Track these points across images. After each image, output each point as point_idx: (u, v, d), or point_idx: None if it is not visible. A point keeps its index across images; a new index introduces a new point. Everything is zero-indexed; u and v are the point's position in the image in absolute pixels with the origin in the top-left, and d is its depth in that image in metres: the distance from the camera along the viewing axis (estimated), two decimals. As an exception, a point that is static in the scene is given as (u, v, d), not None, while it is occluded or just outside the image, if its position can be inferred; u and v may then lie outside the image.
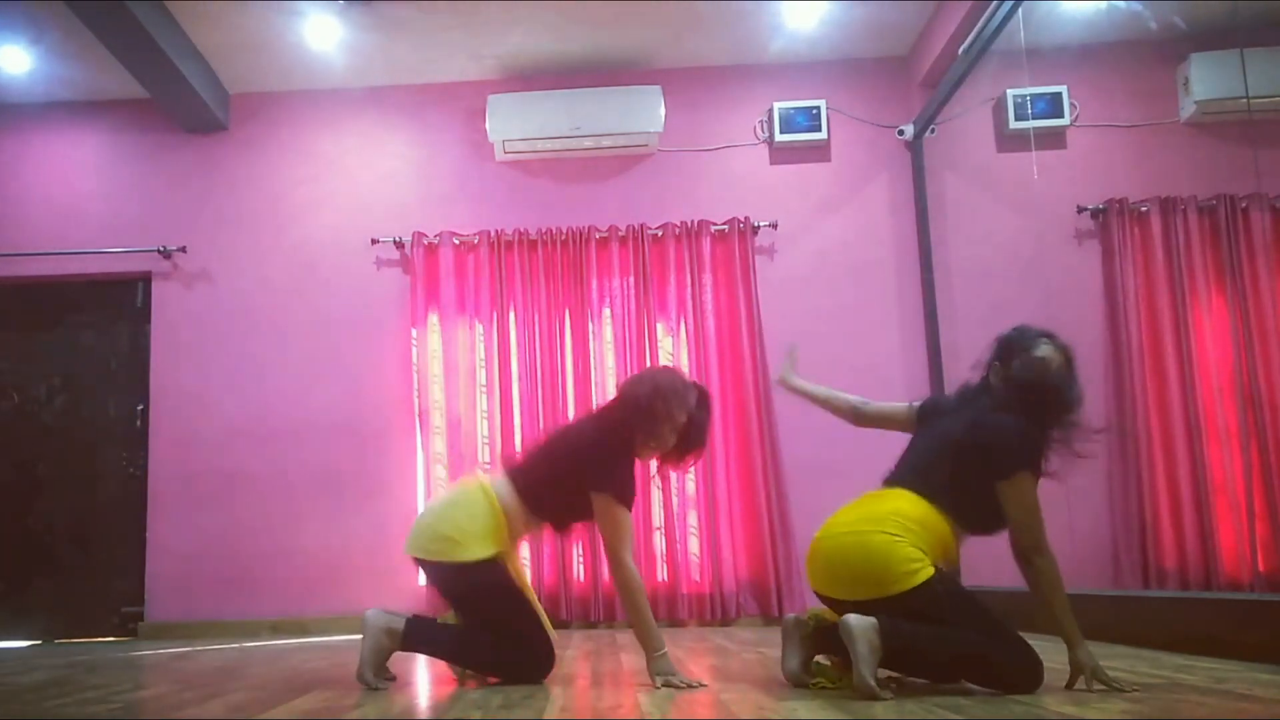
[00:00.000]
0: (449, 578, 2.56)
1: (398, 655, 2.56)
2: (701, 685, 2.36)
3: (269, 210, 5.39)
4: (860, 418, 2.68)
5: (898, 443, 2.52)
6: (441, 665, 2.87)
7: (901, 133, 5.18)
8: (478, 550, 2.50)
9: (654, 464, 2.71)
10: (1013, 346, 2.41)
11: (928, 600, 2.14)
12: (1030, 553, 2.24)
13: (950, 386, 4.92)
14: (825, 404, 2.77)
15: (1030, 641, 2.19)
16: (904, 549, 2.17)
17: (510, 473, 2.63)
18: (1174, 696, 2.02)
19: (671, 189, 5.29)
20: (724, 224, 5.16)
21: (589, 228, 5.16)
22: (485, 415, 5.04)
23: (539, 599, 4.89)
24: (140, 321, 5.38)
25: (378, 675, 2.49)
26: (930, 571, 2.16)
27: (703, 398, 2.62)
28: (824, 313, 5.09)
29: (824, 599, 2.34)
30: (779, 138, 5.24)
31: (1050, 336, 2.41)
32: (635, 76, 5.34)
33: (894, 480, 2.37)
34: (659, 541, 4.90)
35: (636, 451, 2.57)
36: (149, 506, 5.14)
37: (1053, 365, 2.35)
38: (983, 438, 2.28)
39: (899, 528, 2.20)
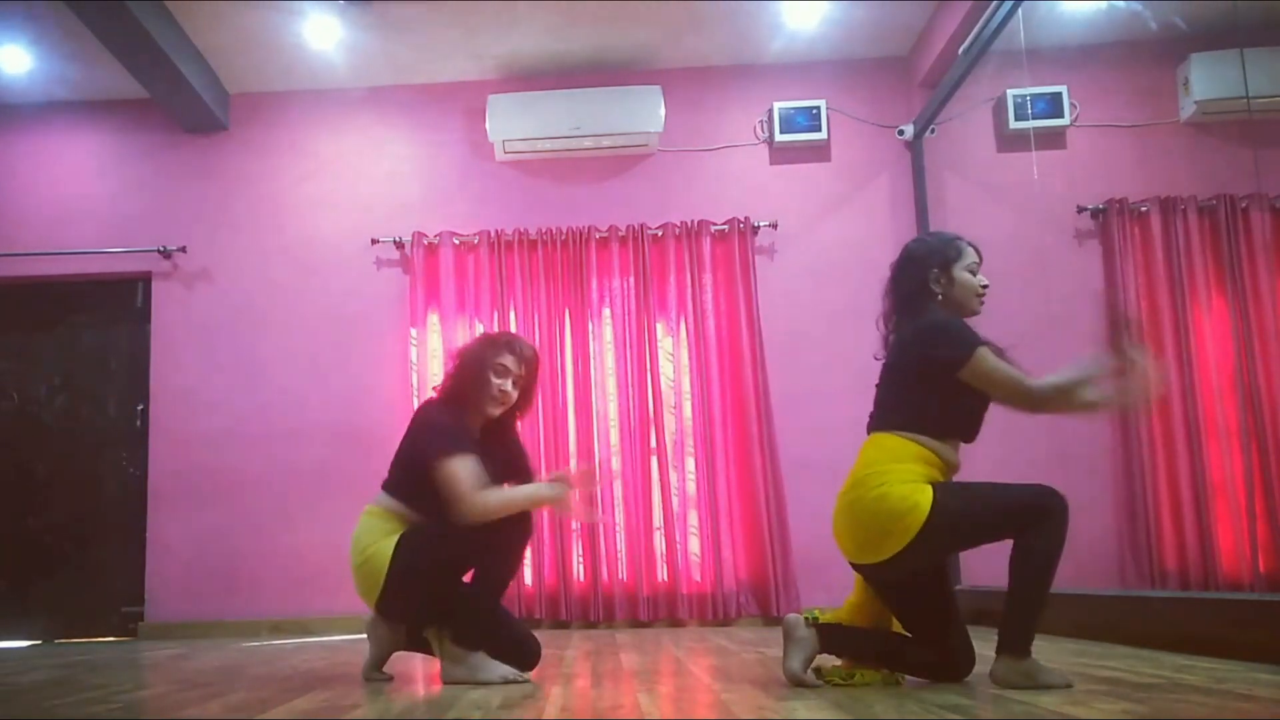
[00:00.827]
0: (391, 599, 2.56)
1: (397, 659, 2.56)
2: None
3: (269, 210, 5.39)
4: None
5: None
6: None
7: (901, 133, 5.18)
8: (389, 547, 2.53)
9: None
10: (948, 253, 2.43)
11: (947, 520, 2.15)
12: (1035, 406, 2.27)
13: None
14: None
15: (1030, 642, 2.19)
16: (893, 497, 2.17)
17: (385, 486, 2.68)
18: (1174, 696, 2.02)
19: (671, 189, 5.29)
20: (724, 224, 5.16)
21: (589, 228, 5.16)
22: (485, 415, 5.03)
23: (539, 598, 4.90)
24: (140, 321, 5.38)
25: (378, 670, 2.50)
26: (928, 492, 2.16)
27: (512, 344, 2.71)
28: (824, 313, 5.09)
29: (858, 569, 2.35)
30: (779, 138, 5.24)
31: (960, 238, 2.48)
32: (635, 76, 5.34)
33: (869, 428, 2.38)
34: (659, 541, 4.90)
35: (474, 408, 2.65)
36: (149, 506, 5.14)
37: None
38: (925, 341, 2.31)
39: (879, 479, 2.20)
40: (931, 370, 2.28)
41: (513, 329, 5.09)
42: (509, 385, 2.67)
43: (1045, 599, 2.20)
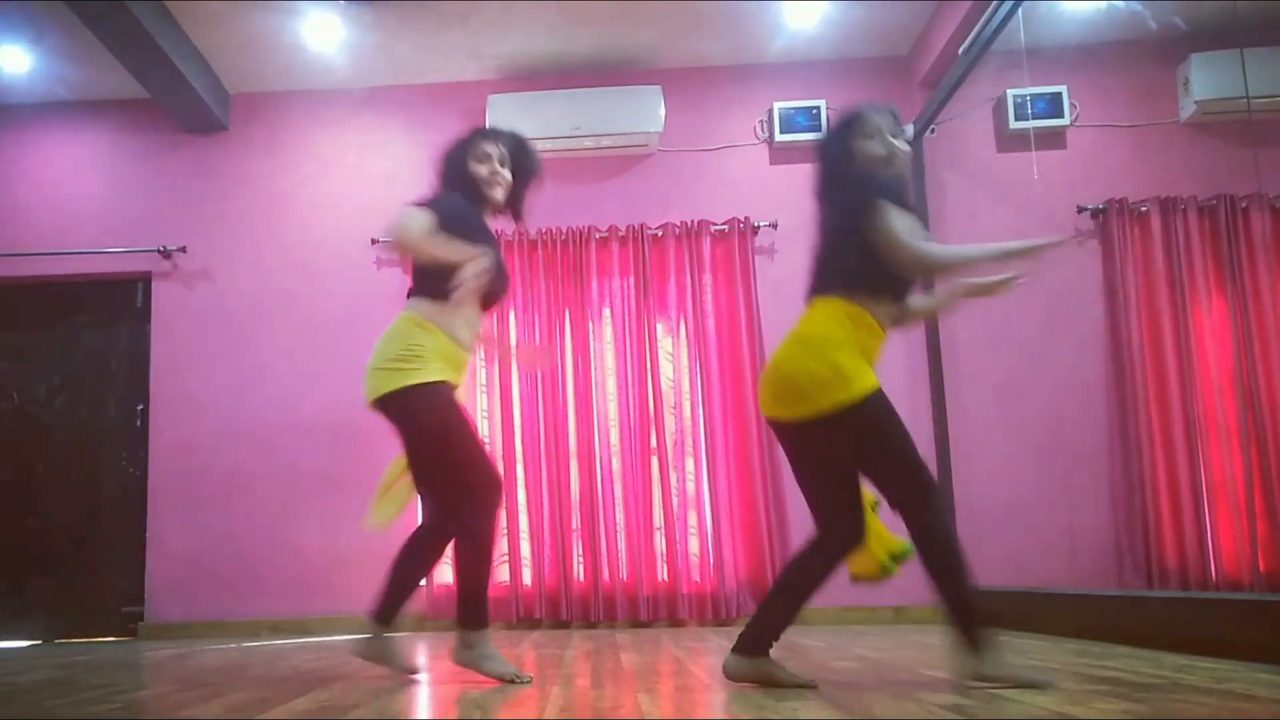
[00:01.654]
0: (396, 409, 2.54)
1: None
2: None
3: (269, 210, 5.39)
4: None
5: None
6: (442, 664, 2.87)
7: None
8: (420, 375, 2.52)
9: None
10: (872, 123, 2.46)
11: (868, 418, 2.23)
12: (922, 269, 2.32)
13: (950, 386, 4.93)
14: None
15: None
16: (841, 365, 2.24)
17: (411, 292, 2.70)
18: (1174, 696, 2.02)
19: (671, 189, 5.29)
20: (724, 224, 5.16)
21: (589, 228, 5.16)
22: (485, 415, 5.04)
23: (539, 598, 4.90)
24: (140, 321, 5.38)
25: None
26: (872, 383, 2.23)
27: (483, 130, 2.79)
28: (824, 313, 5.08)
29: (771, 424, 2.44)
30: (779, 138, 5.24)
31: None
32: (635, 76, 5.34)
33: (807, 294, 2.46)
34: (659, 541, 4.90)
35: (480, 197, 2.73)
36: (149, 506, 5.14)
37: None
38: (837, 201, 2.40)
39: (832, 349, 2.27)
40: (847, 225, 2.36)
41: (512, 329, 5.09)
42: (496, 165, 2.72)
43: (956, 573, 2.22)
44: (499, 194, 2.74)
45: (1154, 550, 4.53)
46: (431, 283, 2.57)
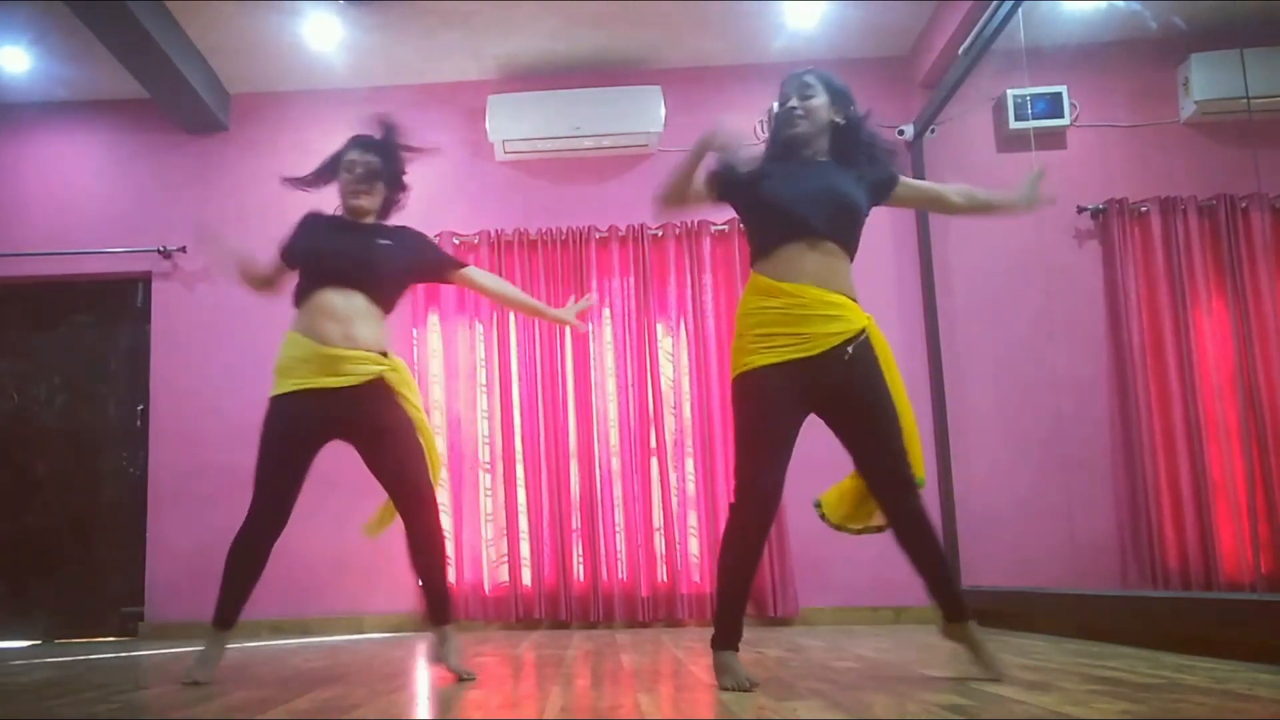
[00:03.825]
0: None
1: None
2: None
3: (269, 210, 5.36)
4: (673, 194, 2.82)
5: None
6: (443, 665, 2.86)
7: (902, 133, 5.18)
8: (272, 389, 2.82)
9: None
10: (781, 93, 2.65)
11: (734, 399, 2.42)
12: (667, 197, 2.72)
13: (950, 386, 4.93)
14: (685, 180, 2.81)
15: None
16: (735, 348, 2.46)
17: None
18: (1174, 696, 2.02)
19: (672, 189, 5.28)
20: (724, 224, 5.16)
21: (589, 228, 5.16)
22: (485, 415, 5.04)
23: (538, 598, 4.89)
24: (140, 321, 5.38)
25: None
26: (743, 366, 2.39)
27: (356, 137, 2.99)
28: (824, 313, 5.08)
29: None
30: (779, 138, 5.23)
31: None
32: (635, 76, 5.33)
33: None
34: (659, 542, 4.90)
35: (346, 206, 2.97)
36: (149, 506, 5.14)
37: None
38: None
39: (739, 326, 2.47)
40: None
41: (512, 329, 5.08)
42: (359, 171, 2.89)
43: (726, 586, 2.39)
44: (360, 202, 2.91)
45: (1154, 550, 4.53)
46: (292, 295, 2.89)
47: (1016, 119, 5.01)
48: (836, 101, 2.57)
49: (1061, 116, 5.01)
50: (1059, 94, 5.01)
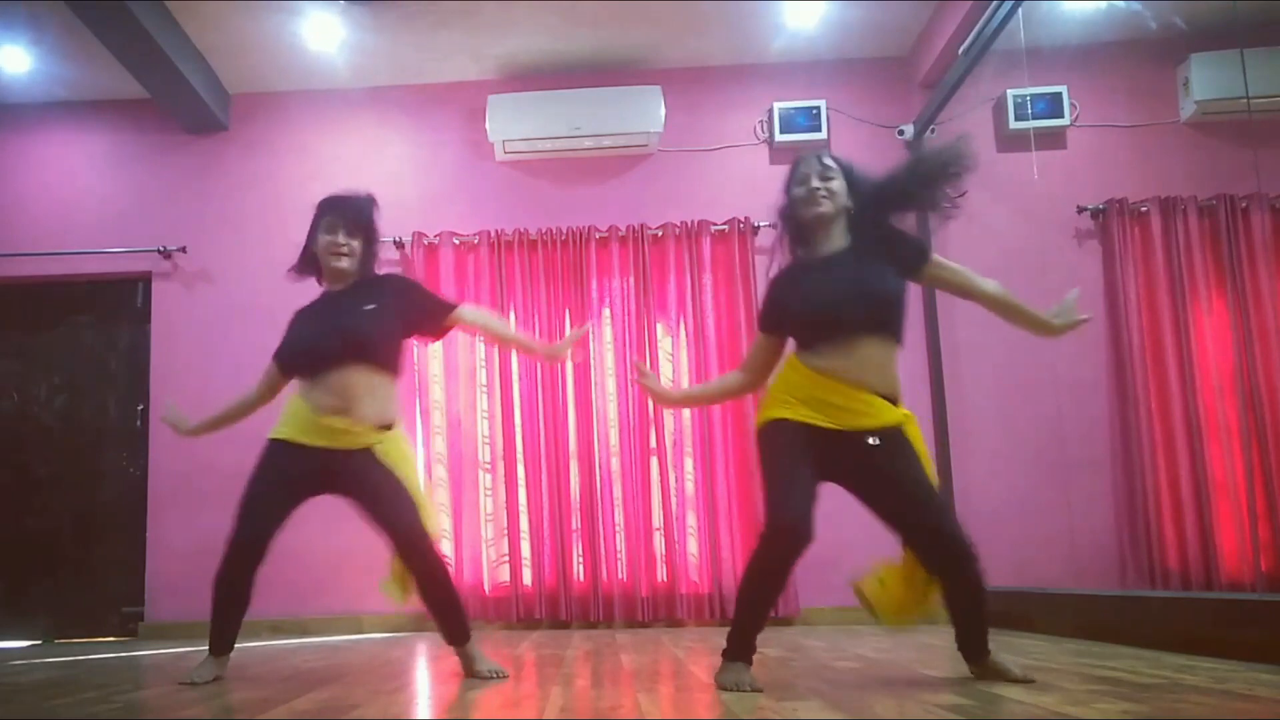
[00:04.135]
0: None
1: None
2: None
3: (269, 210, 5.38)
4: (753, 378, 2.72)
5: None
6: (442, 665, 2.87)
7: (902, 133, 5.18)
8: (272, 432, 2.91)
9: None
10: (799, 172, 2.63)
11: (760, 448, 2.48)
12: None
13: (950, 386, 4.93)
14: (716, 397, 3.00)
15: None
16: (762, 402, 2.53)
17: None
18: (1174, 696, 2.02)
19: (671, 189, 5.29)
20: (724, 224, 5.16)
21: (589, 228, 5.16)
22: (485, 415, 5.04)
23: (538, 598, 4.89)
24: (140, 321, 5.38)
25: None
26: (768, 416, 2.44)
27: (333, 201, 2.97)
28: (824, 313, 5.08)
29: None
30: (779, 138, 5.24)
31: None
32: (635, 76, 5.33)
33: None
34: (658, 542, 4.90)
35: (326, 274, 3.02)
36: (149, 506, 5.14)
37: None
38: None
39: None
40: None
41: (513, 329, 5.08)
42: (340, 238, 2.87)
43: (745, 608, 2.40)
44: (341, 264, 2.90)
45: (1155, 550, 4.53)
46: None
47: (1016, 119, 5.01)
48: (853, 185, 2.56)
49: (1061, 116, 5.01)
50: (1059, 94, 5.01)
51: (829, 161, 2.57)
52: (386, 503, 2.75)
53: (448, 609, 2.77)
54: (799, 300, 2.49)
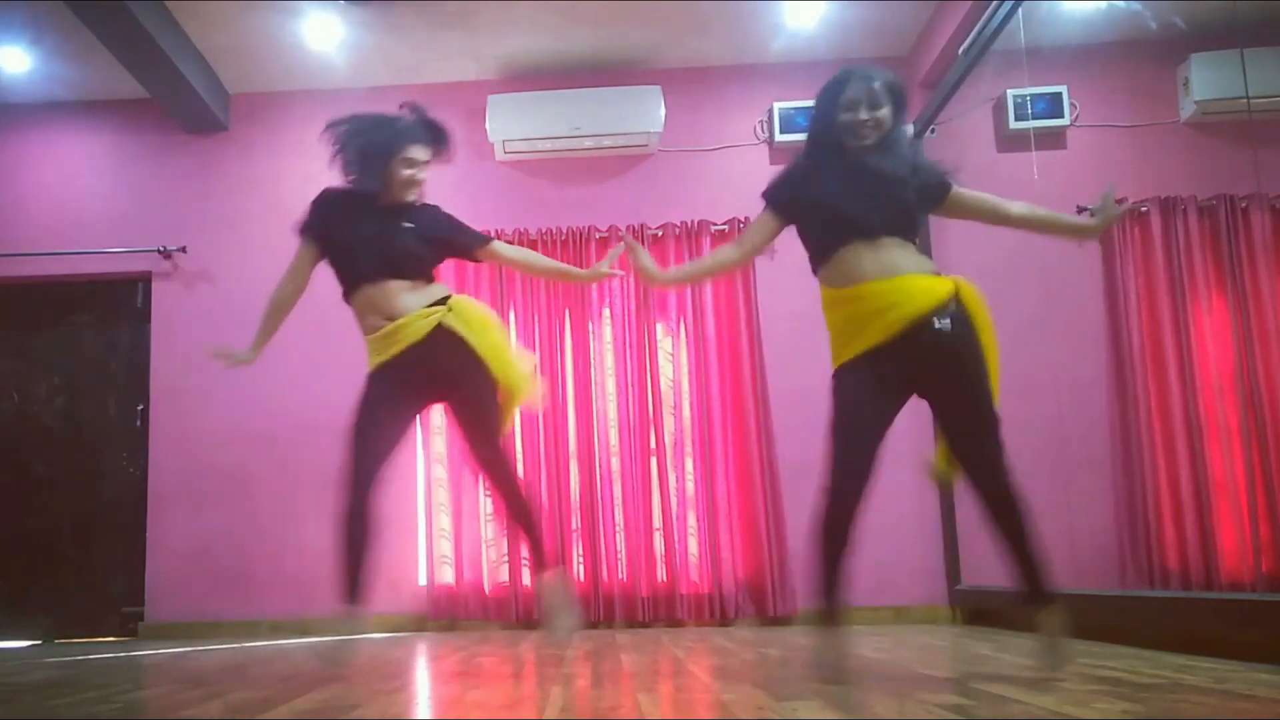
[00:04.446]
0: None
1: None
2: None
3: (270, 210, 5.38)
4: (746, 253, 2.70)
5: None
6: (442, 664, 2.87)
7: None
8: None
9: None
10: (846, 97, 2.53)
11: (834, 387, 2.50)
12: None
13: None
14: (715, 269, 3.00)
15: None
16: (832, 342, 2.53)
17: None
18: (1174, 696, 2.02)
19: (671, 189, 5.29)
20: (724, 224, 5.16)
21: (589, 228, 5.16)
22: (485, 415, 5.03)
23: (539, 598, 4.89)
24: (140, 321, 5.38)
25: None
26: (840, 361, 2.47)
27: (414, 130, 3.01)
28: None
29: None
30: (779, 138, 5.24)
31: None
32: (635, 76, 5.33)
33: None
34: (658, 542, 4.90)
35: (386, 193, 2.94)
36: (149, 506, 5.14)
37: None
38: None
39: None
40: None
41: (513, 329, 5.08)
42: (421, 174, 2.88)
43: (821, 566, 2.39)
44: (413, 196, 2.93)
45: (1155, 550, 4.53)
46: None
47: (1016, 119, 5.01)
48: (899, 110, 2.51)
49: (1061, 116, 5.01)
50: (1059, 94, 5.01)
51: (878, 87, 2.46)
52: (462, 409, 2.83)
53: (524, 530, 2.83)
54: (826, 197, 2.45)
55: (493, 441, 2.82)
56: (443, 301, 2.87)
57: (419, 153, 2.91)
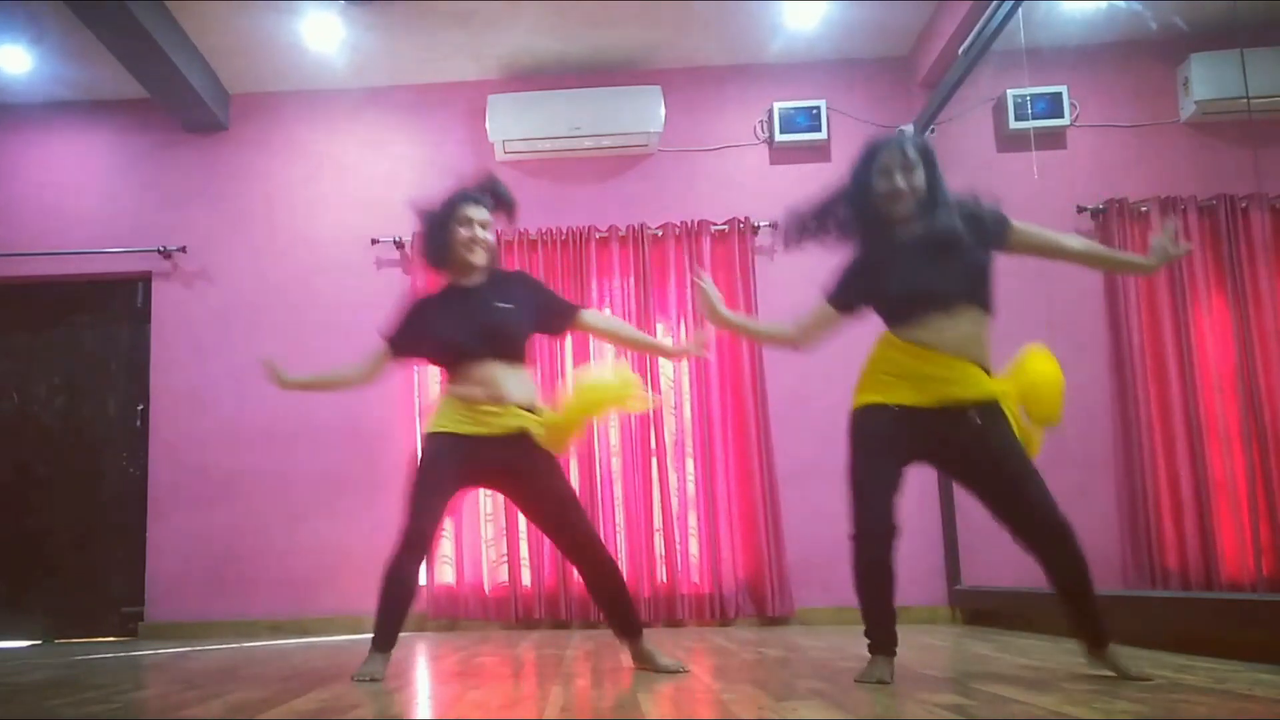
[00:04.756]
0: None
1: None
2: None
3: (269, 210, 5.38)
4: (802, 337, 2.74)
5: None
6: (442, 664, 2.87)
7: (902, 133, 5.17)
8: (426, 426, 2.88)
9: None
10: (881, 160, 2.51)
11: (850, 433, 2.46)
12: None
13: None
14: (767, 337, 3.02)
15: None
16: (858, 385, 2.52)
17: None
18: (1174, 696, 2.02)
19: (671, 189, 5.29)
20: (724, 224, 5.16)
21: (589, 228, 5.16)
22: (485, 415, 5.03)
23: (538, 599, 4.88)
24: (140, 321, 5.38)
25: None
26: (860, 401, 2.46)
27: (467, 196, 2.96)
28: (824, 313, 5.08)
29: None
30: (779, 138, 5.24)
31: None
32: (635, 76, 5.33)
33: None
34: (659, 543, 4.90)
35: (455, 267, 2.92)
36: (149, 506, 5.14)
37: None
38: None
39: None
40: None
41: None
42: (479, 232, 2.85)
43: (865, 604, 2.42)
44: (478, 258, 2.87)
45: (1155, 550, 4.53)
46: None
47: (1016, 119, 5.00)
48: (933, 169, 2.50)
49: (1061, 116, 5.00)
50: (1059, 94, 5.01)
51: (910, 152, 2.47)
52: (544, 497, 2.80)
53: (617, 604, 2.80)
54: (896, 282, 2.45)
55: (571, 526, 2.78)
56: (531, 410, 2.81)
57: (475, 212, 2.88)
